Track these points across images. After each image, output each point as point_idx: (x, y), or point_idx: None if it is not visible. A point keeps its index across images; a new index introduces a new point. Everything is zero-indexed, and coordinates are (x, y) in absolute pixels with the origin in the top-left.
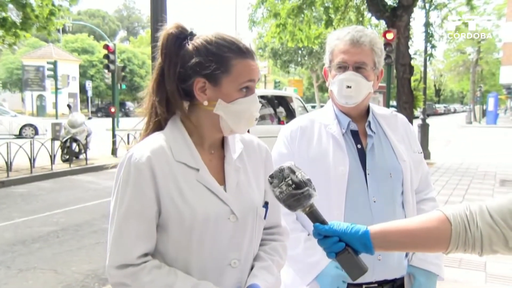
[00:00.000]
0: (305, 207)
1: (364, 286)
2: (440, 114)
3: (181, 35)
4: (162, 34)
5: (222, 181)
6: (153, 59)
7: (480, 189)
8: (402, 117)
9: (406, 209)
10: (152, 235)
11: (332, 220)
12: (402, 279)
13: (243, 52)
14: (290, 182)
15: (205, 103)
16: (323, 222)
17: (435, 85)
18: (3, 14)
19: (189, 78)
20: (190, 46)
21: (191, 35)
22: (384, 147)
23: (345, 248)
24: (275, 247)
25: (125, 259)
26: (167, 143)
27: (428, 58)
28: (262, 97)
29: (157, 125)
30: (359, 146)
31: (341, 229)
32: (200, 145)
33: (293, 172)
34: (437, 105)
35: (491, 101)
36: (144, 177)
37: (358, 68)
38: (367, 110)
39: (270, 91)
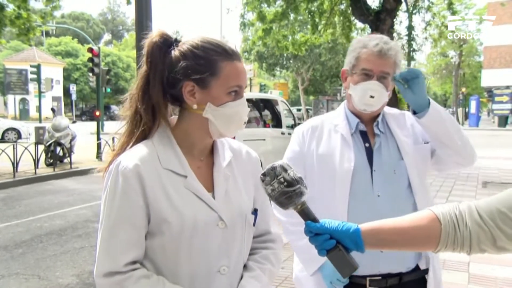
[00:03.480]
0: (296, 205)
1: (368, 279)
2: None
3: (166, 43)
4: (146, 43)
5: (211, 188)
6: (138, 63)
7: (463, 190)
8: (408, 114)
9: (417, 201)
10: (141, 243)
11: (337, 214)
12: (410, 274)
13: (230, 55)
14: (282, 180)
15: (194, 106)
16: (315, 219)
17: None
18: None
19: (177, 83)
20: (176, 52)
21: (176, 41)
22: (390, 146)
23: (336, 245)
24: (266, 255)
25: (112, 267)
26: (154, 151)
27: (408, 62)
28: (247, 100)
29: (143, 133)
30: (367, 145)
31: (332, 227)
32: (189, 152)
33: (285, 170)
34: None
35: (473, 104)
36: (131, 185)
37: (382, 77)
38: (379, 114)
39: (256, 94)
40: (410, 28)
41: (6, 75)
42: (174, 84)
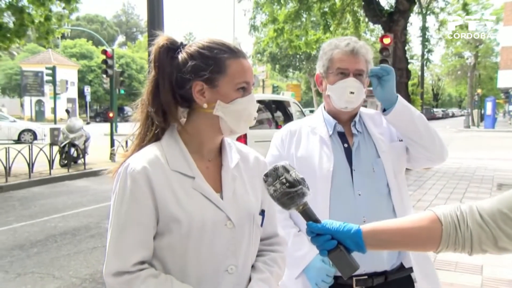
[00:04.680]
0: (298, 205)
1: (354, 279)
2: (438, 118)
3: (172, 47)
4: (153, 49)
5: (219, 188)
6: (149, 66)
7: (477, 193)
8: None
9: (393, 199)
10: (149, 243)
11: (318, 214)
12: (395, 271)
13: (235, 52)
14: (284, 180)
15: (205, 105)
16: (316, 220)
17: (433, 90)
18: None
19: (187, 84)
20: (183, 54)
21: (182, 45)
22: (368, 144)
23: (337, 246)
24: (275, 258)
25: (121, 267)
26: (162, 153)
27: (425, 63)
28: (259, 101)
29: (155, 135)
30: (345, 145)
31: (334, 228)
32: (197, 152)
33: (287, 171)
34: (435, 109)
35: (489, 105)
36: (140, 186)
37: (358, 75)
38: (356, 114)
39: (268, 95)
40: (424, 29)
41: (23, 77)
42: (183, 85)
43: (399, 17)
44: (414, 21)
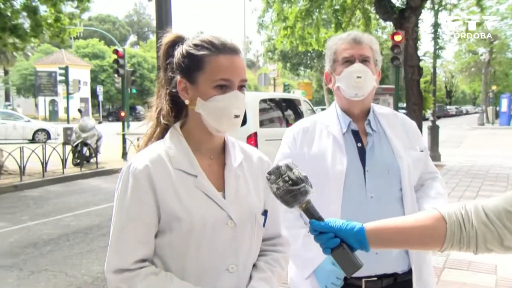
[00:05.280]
0: (301, 203)
1: (363, 280)
2: (452, 115)
3: (173, 44)
4: (162, 49)
5: (221, 187)
6: (158, 67)
7: (491, 191)
8: (402, 116)
9: (405, 205)
10: (150, 241)
11: (330, 216)
12: (404, 274)
13: (218, 48)
14: (287, 178)
15: (187, 102)
16: (319, 218)
17: (446, 87)
18: (16, 21)
19: (175, 82)
20: (177, 52)
21: (182, 42)
22: (383, 145)
23: (340, 244)
24: (277, 258)
25: (121, 264)
26: (165, 151)
27: (435, 60)
28: (270, 100)
29: (162, 132)
30: (359, 144)
31: (337, 226)
32: (198, 150)
33: (290, 169)
34: (448, 107)
35: (504, 102)
36: (141, 185)
37: (364, 61)
38: (369, 111)
39: (278, 94)
40: (436, 25)
41: (37, 77)
42: (174, 84)
43: (411, 14)
44: (426, 18)
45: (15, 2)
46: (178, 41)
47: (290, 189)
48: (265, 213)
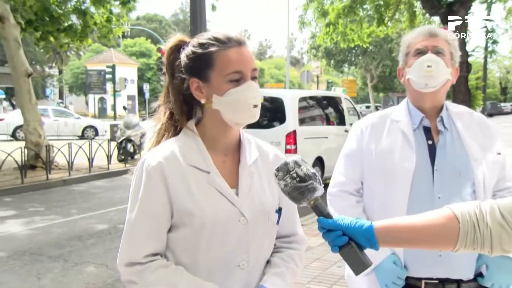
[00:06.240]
0: (309, 200)
1: (423, 281)
2: (506, 113)
3: (177, 48)
4: (166, 52)
5: (235, 183)
6: (161, 71)
7: None
8: (479, 116)
9: None
10: (161, 236)
11: (395, 213)
12: (469, 281)
13: (224, 43)
14: (294, 175)
15: (203, 101)
16: (328, 216)
17: (500, 83)
18: (68, 22)
19: (187, 83)
20: (183, 54)
21: (186, 45)
22: (456, 145)
23: (348, 242)
24: (292, 255)
25: (132, 258)
26: (179, 147)
27: (489, 55)
28: (310, 98)
29: (169, 133)
30: (430, 142)
31: (345, 223)
32: (213, 147)
33: (298, 165)
34: (502, 104)
35: None
36: (154, 181)
37: (437, 53)
38: (442, 107)
39: (319, 92)
40: (489, 19)
41: (88, 76)
42: (186, 86)
43: (459, 8)
44: (476, 11)
45: (64, 5)
46: (181, 44)
47: (298, 186)
48: (279, 210)
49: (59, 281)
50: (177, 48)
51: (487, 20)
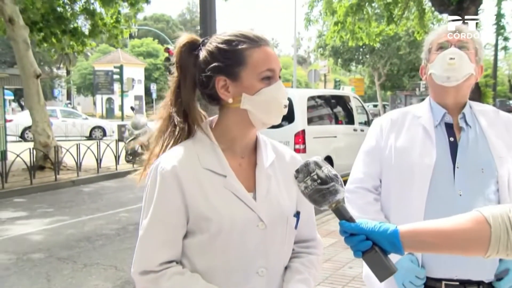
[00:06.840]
0: (331, 203)
1: (443, 282)
2: None
3: (194, 46)
4: (175, 50)
5: (252, 187)
6: (169, 71)
7: None
8: (506, 115)
9: None
10: (176, 243)
11: (413, 211)
12: (490, 283)
13: (254, 41)
14: (315, 177)
15: (230, 100)
16: (350, 219)
17: (510, 80)
18: (74, 24)
19: (210, 81)
20: (204, 52)
21: (203, 43)
22: (479, 142)
23: (372, 247)
24: (312, 260)
25: (147, 266)
26: (194, 150)
27: (504, 51)
28: (319, 97)
29: (178, 135)
30: (451, 139)
31: (369, 228)
32: (230, 149)
33: (319, 167)
34: (511, 102)
35: None
36: (169, 185)
37: (461, 47)
38: (465, 104)
39: (327, 90)
40: (499, 16)
41: (95, 76)
42: (207, 84)
43: (469, 5)
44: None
45: (72, 6)
46: (193, 43)
47: (319, 188)
48: (297, 214)
49: (68, 283)
50: (189, 46)
51: (497, 16)
